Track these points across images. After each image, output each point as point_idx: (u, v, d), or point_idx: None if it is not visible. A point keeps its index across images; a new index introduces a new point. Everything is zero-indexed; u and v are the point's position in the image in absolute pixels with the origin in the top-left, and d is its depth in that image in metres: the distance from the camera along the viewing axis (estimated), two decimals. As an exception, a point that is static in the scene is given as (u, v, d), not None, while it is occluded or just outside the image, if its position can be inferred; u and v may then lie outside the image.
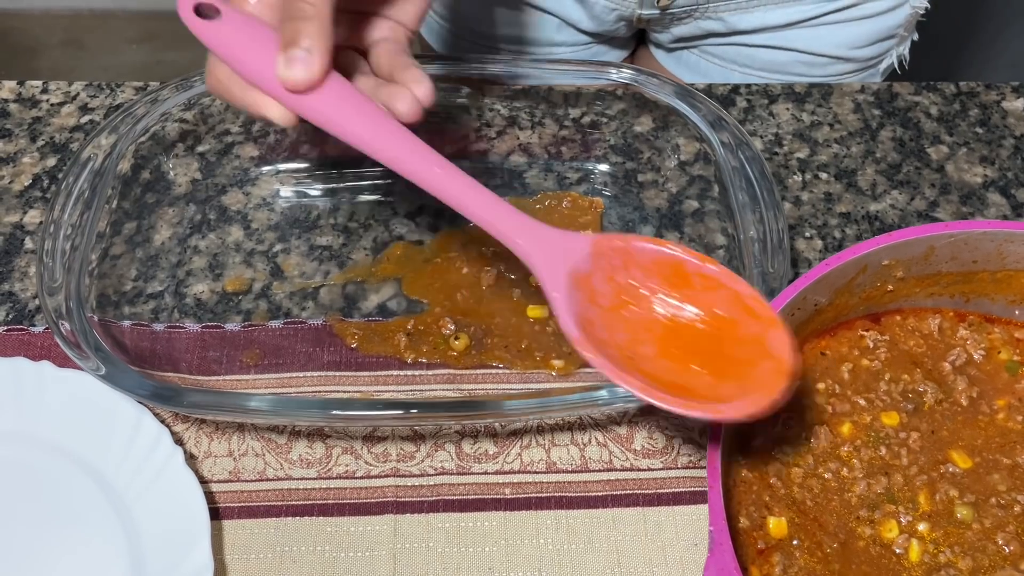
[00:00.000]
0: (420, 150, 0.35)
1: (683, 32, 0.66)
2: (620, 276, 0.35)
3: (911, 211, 0.54)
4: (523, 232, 0.35)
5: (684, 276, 0.34)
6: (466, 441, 0.44)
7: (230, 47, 0.35)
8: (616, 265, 0.35)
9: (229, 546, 0.41)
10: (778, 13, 0.62)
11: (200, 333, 0.47)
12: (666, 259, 0.35)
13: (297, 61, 0.33)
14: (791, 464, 0.38)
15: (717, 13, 0.63)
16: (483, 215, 0.35)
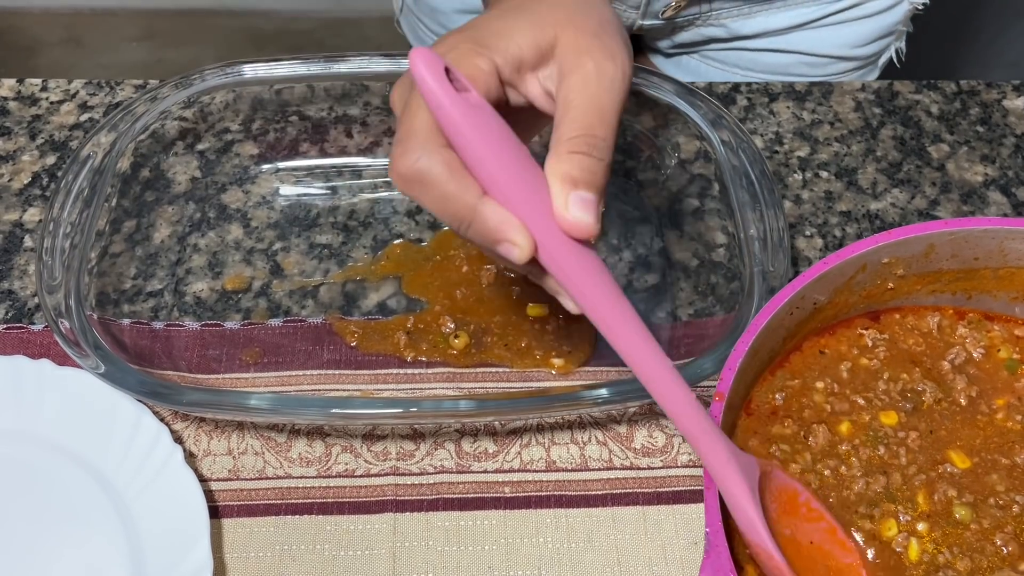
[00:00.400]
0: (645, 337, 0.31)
1: (684, 39, 0.66)
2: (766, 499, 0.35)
3: (912, 210, 0.54)
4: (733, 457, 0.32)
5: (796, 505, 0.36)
6: (466, 440, 0.44)
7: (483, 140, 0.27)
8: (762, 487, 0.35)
9: (228, 544, 0.41)
10: (781, 17, 0.62)
11: (200, 331, 0.47)
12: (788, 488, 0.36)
13: (586, 204, 0.28)
14: (788, 462, 0.38)
15: (719, 20, 0.63)
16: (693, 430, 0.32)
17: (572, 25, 0.31)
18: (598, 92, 0.30)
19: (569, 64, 0.30)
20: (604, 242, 0.52)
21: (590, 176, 0.29)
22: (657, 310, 0.49)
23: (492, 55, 0.30)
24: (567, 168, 0.29)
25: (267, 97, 0.53)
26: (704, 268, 0.50)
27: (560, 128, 0.29)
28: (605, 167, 0.30)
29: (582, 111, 0.30)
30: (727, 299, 0.47)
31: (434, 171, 0.28)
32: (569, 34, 0.31)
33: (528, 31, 0.31)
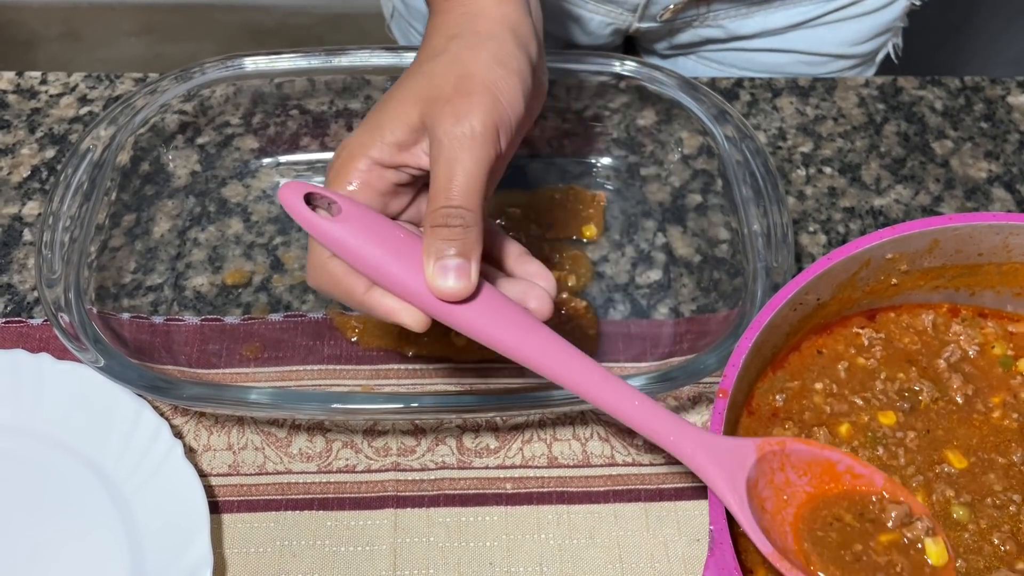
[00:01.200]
0: (576, 358, 0.33)
1: (681, 40, 0.65)
2: (779, 478, 0.35)
3: (915, 206, 0.54)
4: (700, 446, 0.33)
5: (836, 475, 0.35)
6: (467, 435, 0.44)
7: (353, 245, 0.32)
8: (775, 467, 0.35)
9: (229, 540, 0.41)
10: (779, 16, 0.61)
11: (200, 326, 0.47)
12: (817, 458, 0.35)
13: (452, 270, 0.31)
14: None
15: (717, 21, 0.62)
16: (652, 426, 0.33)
17: (432, 93, 0.33)
18: (448, 160, 0.32)
19: (430, 136, 0.33)
20: (606, 238, 0.51)
21: (448, 244, 0.31)
22: (659, 306, 0.49)
23: (370, 150, 0.34)
24: (428, 243, 0.32)
25: (267, 91, 0.53)
26: (707, 264, 0.50)
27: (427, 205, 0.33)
28: (465, 230, 0.32)
29: (436, 185, 0.32)
30: (730, 295, 0.47)
31: (323, 285, 0.34)
32: (428, 107, 0.33)
33: (399, 114, 0.33)
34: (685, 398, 0.45)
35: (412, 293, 0.32)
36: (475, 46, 0.34)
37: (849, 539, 0.34)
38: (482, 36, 0.34)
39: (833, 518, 0.35)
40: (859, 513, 0.35)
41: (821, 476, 0.35)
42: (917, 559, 0.34)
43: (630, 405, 0.33)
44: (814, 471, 0.35)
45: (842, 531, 0.34)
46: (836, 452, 0.36)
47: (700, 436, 0.33)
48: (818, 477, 0.35)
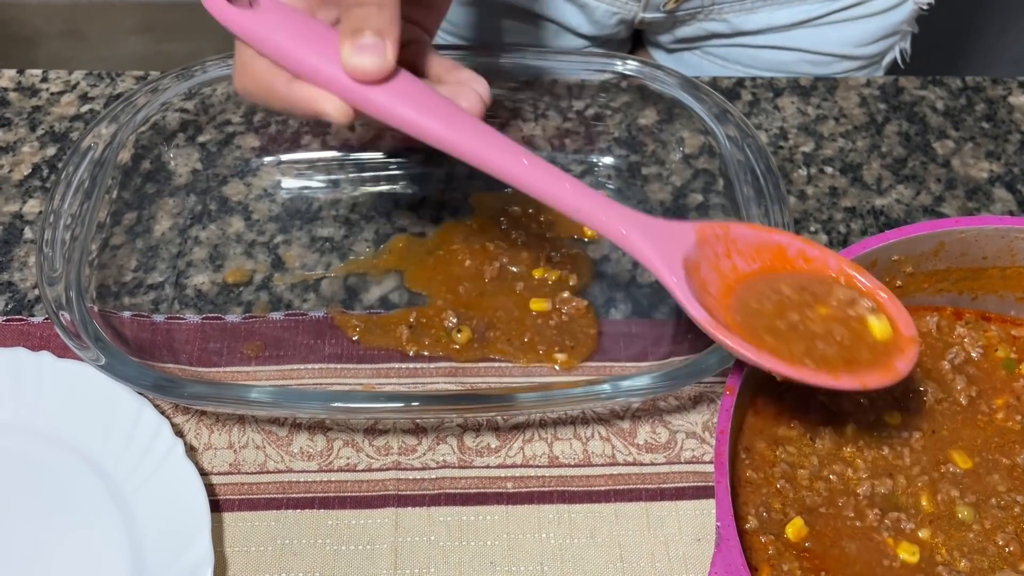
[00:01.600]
0: (501, 141, 0.33)
1: (685, 34, 0.65)
2: (724, 264, 0.34)
3: (916, 206, 0.54)
4: (630, 223, 0.34)
5: (786, 260, 0.34)
6: (468, 435, 0.44)
7: (272, 38, 0.32)
8: (720, 253, 0.34)
9: (229, 538, 0.41)
10: (784, 13, 0.61)
11: (200, 325, 0.47)
12: (766, 243, 0.35)
13: (367, 48, 0.31)
14: (796, 466, 0.38)
15: (721, 14, 0.62)
16: (581, 205, 0.33)
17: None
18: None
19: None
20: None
21: (364, 22, 0.31)
22: (660, 305, 0.49)
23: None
24: (343, 25, 0.31)
25: (269, 89, 0.53)
26: (708, 263, 0.50)
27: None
28: (379, 9, 0.31)
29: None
30: (731, 295, 0.47)
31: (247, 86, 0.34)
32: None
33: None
34: (686, 397, 0.45)
35: (331, 79, 0.32)
36: None
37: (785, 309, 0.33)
38: None
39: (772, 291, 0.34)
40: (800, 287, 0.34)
41: (772, 262, 0.34)
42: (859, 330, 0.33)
43: (561, 188, 0.33)
44: (764, 257, 0.34)
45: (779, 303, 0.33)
46: (786, 235, 0.35)
47: (635, 216, 0.34)
48: (768, 264, 0.34)
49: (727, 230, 0.35)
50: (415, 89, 0.33)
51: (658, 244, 0.33)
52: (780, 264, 0.34)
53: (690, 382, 0.40)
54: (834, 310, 0.33)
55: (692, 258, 0.34)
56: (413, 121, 0.32)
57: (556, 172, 0.34)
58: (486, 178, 0.53)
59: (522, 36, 0.67)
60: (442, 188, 0.53)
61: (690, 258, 0.33)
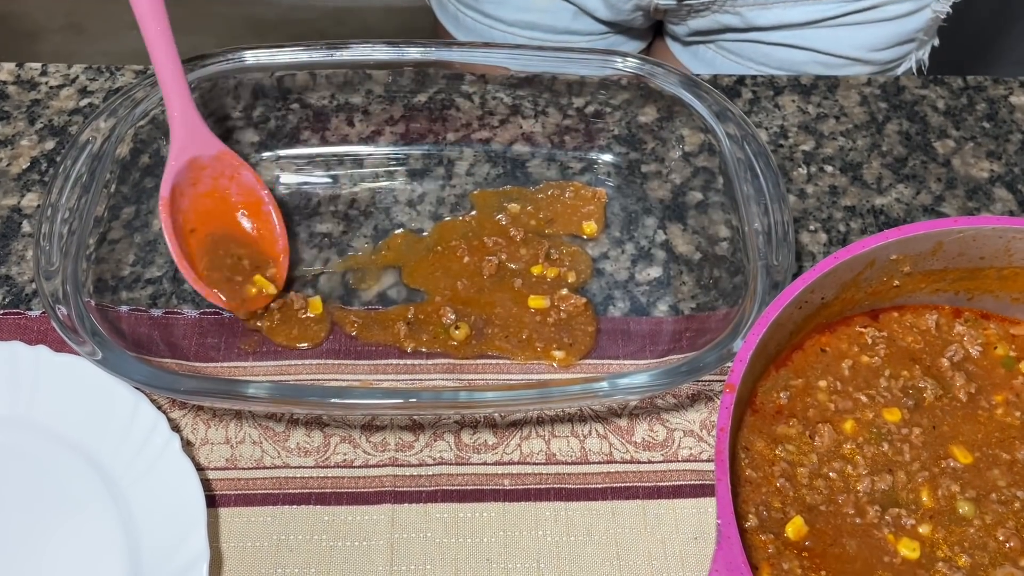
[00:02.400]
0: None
1: (700, 25, 0.65)
2: (224, 182, 0.48)
3: (917, 205, 0.54)
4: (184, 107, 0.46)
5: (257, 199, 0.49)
6: (465, 431, 0.44)
7: None
8: (227, 175, 0.48)
9: (226, 534, 0.41)
10: (798, 11, 0.61)
11: (198, 319, 0.47)
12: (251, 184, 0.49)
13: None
14: (796, 464, 0.38)
15: (735, 7, 0.62)
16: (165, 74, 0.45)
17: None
18: None
19: None
20: (607, 234, 0.51)
21: None
22: (659, 303, 0.49)
23: None
24: None
25: (268, 84, 0.53)
26: (707, 262, 0.50)
27: None
28: None
29: None
30: (730, 293, 0.47)
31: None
32: None
33: None
34: (684, 396, 0.45)
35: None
36: None
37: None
38: None
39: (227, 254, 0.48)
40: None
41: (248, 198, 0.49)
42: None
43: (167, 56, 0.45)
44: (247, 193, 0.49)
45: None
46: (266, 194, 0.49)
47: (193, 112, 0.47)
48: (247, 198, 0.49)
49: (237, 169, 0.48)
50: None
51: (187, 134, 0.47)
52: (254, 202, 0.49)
53: (688, 380, 0.40)
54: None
55: (204, 161, 0.48)
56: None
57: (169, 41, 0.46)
58: (485, 175, 0.53)
59: (540, 16, 0.67)
60: (441, 184, 0.53)
61: (202, 159, 0.47)
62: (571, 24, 0.67)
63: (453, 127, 0.54)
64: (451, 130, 0.54)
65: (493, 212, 0.51)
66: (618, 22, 0.66)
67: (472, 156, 0.54)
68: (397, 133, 0.54)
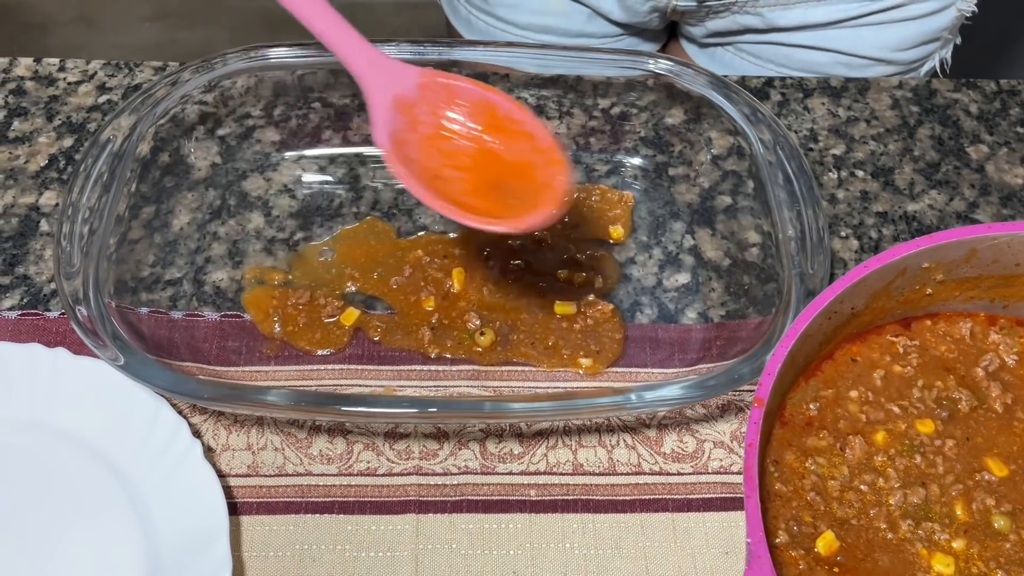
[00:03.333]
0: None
1: (719, 27, 0.64)
2: (441, 110, 0.40)
3: (950, 212, 0.52)
4: (361, 54, 0.40)
5: (497, 118, 0.40)
6: (491, 440, 0.43)
7: None
8: (440, 100, 0.40)
9: (247, 542, 0.40)
10: (820, 11, 0.60)
11: (219, 322, 0.46)
12: (483, 100, 0.40)
13: None
14: (827, 477, 0.37)
15: (756, 8, 0.61)
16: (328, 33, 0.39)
17: None
18: None
19: None
20: (633, 239, 0.50)
21: None
22: (687, 310, 0.48)
23: None
24: None
25: (289, 82, 0.52)
26: (737, 268, 0.49)
27: None
28: None
29: None
30: (761, 301, 0.46)
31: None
32: None
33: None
34: (714, 406, 0.44)
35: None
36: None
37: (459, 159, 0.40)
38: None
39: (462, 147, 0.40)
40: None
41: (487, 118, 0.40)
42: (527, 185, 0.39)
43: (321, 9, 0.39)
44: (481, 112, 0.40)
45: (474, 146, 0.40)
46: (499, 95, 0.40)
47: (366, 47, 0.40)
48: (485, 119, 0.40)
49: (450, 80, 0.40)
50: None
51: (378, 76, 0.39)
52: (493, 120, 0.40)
53: (723, 391, 0.39)
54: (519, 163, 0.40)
55: (410, 98, 0.40)
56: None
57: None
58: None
59: (553, 18, 0.66)
60: (465, 186, 0.52)
61: (407, 97, 0.40)
62: (585, 27, 0.66)
63: (477, 128, 0.53)
64: (475, 131, 0.53)
65: (518, 215, 0.50)
66: (633, 24, 0.65)
67: (496, 157, 0.53)
68: (420, 133, 0.53)
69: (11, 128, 0.53)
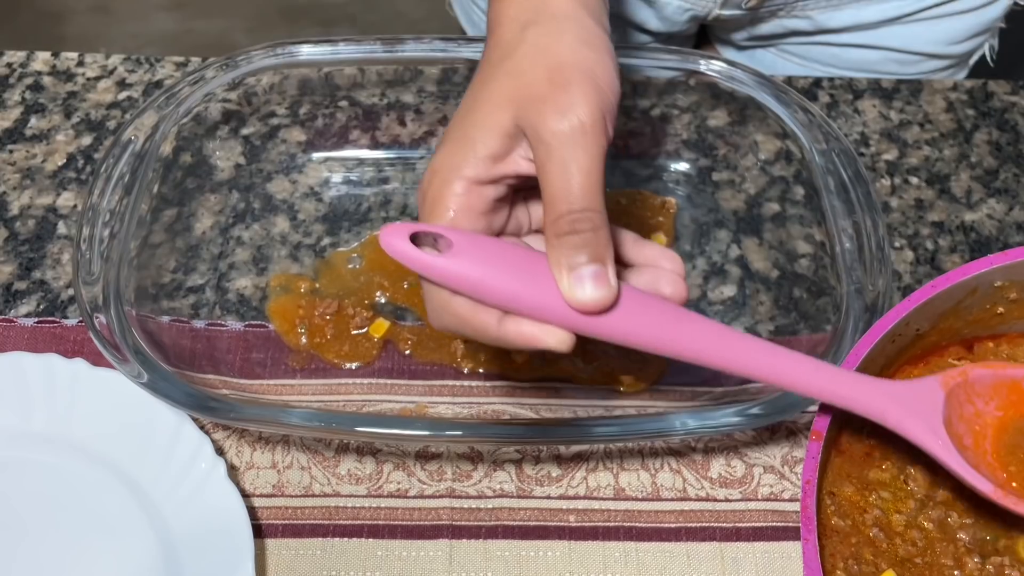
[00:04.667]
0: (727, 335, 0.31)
1: (763, 31, 0.61)
2: (967, 409, 0.33)
3: (1010, 222, 0.50)
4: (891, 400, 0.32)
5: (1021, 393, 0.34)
6: (527, 462, 0.41)
7: (475, 278, 0.29)
8: (963, 400, 0.33)
9: (273, 567, 0.38)
10: (872, 10, 0.57)
11: (243, 333, 0.44)
12: (1003, 380, 0.34)
13: (588, 279, 0.28)
14: (891, 511, 0.35)
15: (805, 11, 0.58)
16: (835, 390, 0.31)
17: (523, 92, 0.30)
18: (562, 161, 0.29)
19: (532, 139, 0.30)
20: (676, 248, 0.48)
21: (579, 252, 0.29)
22: (735, 325, 0.45)
23: (464, 170, 0.30)
24: (557, 255, 0.29)
25: (316, 80, 0.50)
26: (786, 280, 0.46)
27: (543, 213, 0.30)
28: (595, 234, 0.29)
29: (552, 191, 0.29)
30: (814, 316, 0.44)
31: (449, 326, 0.31)
32: (522, 108, 0.30)
33: (489, 123, 0.30)
34: (763, 428, 0.42)
35: (551, 313, 0.29)
36: (556, 31, 0.31)
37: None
38: (559, 19, 0.31)
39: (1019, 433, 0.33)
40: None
41: (1008, 397, 0.34)
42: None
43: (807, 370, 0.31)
44: (1001, 394, 0.34)
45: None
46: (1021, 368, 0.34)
47: (885, 388, 0.32)
48: (1005, 399, 0.34)
49: (966, 375, 0.33)
50: (634, 301, 0.30)
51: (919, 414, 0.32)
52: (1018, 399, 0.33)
53: (779, 418, 0.37)
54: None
55: (945, 416, 0.32)
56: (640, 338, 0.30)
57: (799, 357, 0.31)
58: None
59: None
60: (498, 190, 0.49)
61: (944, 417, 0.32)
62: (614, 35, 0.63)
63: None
64: (509, 132, 0.51)
65: (554, 221, 0.48)
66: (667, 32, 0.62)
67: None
68: (451, 134, 0.51)
69: (28, 125, 0.51)
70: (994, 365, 0.34)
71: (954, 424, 0.32)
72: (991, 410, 0.33)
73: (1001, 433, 0.33)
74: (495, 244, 0.30)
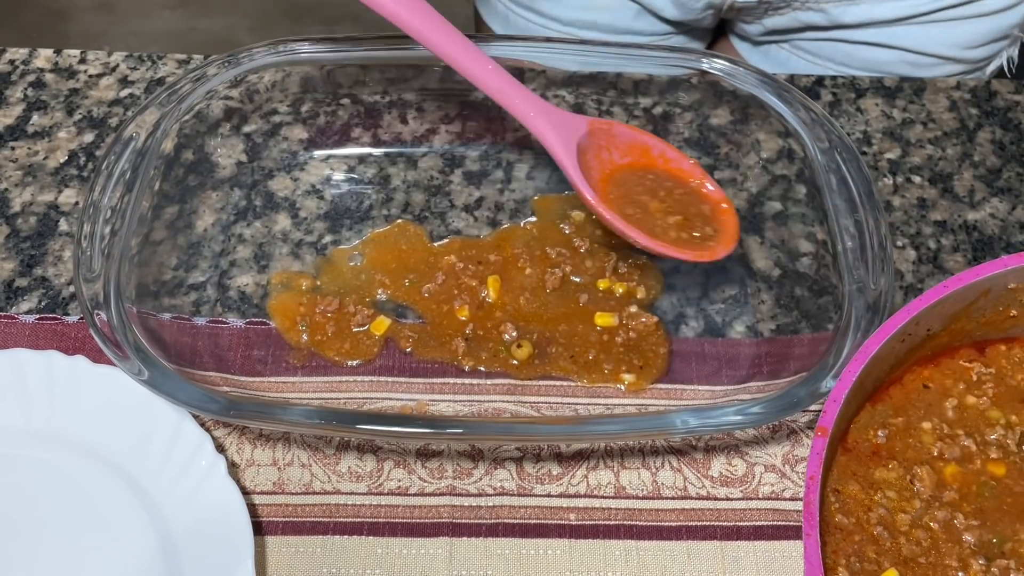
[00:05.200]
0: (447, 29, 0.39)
1: (777, 24, 0.61)
2: (605, 154, 0.43)
3: (1013, 221, 0.50)
4: (541, 112, 0.41)
5: (651, 158, 0.44)
6: (528, 460, 0.41)
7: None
8: (603, 144, 0.43)
9: (273, 565, 0.38)
10: (887, 7, 0.57)
11: (244, 330, 0.44)
12: (637, 141, 0.44)
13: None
14: (896, 510, 0.35)
15: (819, 4, 0.58)
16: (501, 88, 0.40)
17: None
18: None
19: None
20: (678, 247, 0.48)
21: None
22: (735, 323, 0.45)
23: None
24: None
25: (318, 78, 0.50)
26: (788, 279, 0.46)
27: None
28: None
29: None
30: (815, 315, 0.43)
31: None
32: None
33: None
34: (765, 426, 0.42)
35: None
36: None
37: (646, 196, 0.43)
38: None
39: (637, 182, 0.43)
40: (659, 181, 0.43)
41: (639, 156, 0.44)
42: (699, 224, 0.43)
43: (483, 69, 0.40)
44: (634, 152, 0.44)
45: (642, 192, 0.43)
46: (653, 137, 0.44)
47: (542, 105, 0.41)
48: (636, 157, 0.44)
49: (610, 127, 0.43)
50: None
51: (558, 130, 0.41)
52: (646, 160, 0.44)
53: (781, 416, 0.37)
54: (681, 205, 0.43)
55: (583, 146, 0.42)
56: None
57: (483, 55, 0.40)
58: (547, 179, 0.50)
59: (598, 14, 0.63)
60: (500, 188, 0.49)
61: (581, 145, 0.42)
62: (633, 23, 0.63)
63: (513, 127, 0.51)
64: (510, 130, 0.51)
65: (556, 220, 0.48)
66: (684, 21, 0.62)
67: (533, 158, 0.50)
68: (453, 132, 0.51)
69: (30, 122, 0.51)
70: (636, 129, 0.44)
71: (589, 157, 0.42)
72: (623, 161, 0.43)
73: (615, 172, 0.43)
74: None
